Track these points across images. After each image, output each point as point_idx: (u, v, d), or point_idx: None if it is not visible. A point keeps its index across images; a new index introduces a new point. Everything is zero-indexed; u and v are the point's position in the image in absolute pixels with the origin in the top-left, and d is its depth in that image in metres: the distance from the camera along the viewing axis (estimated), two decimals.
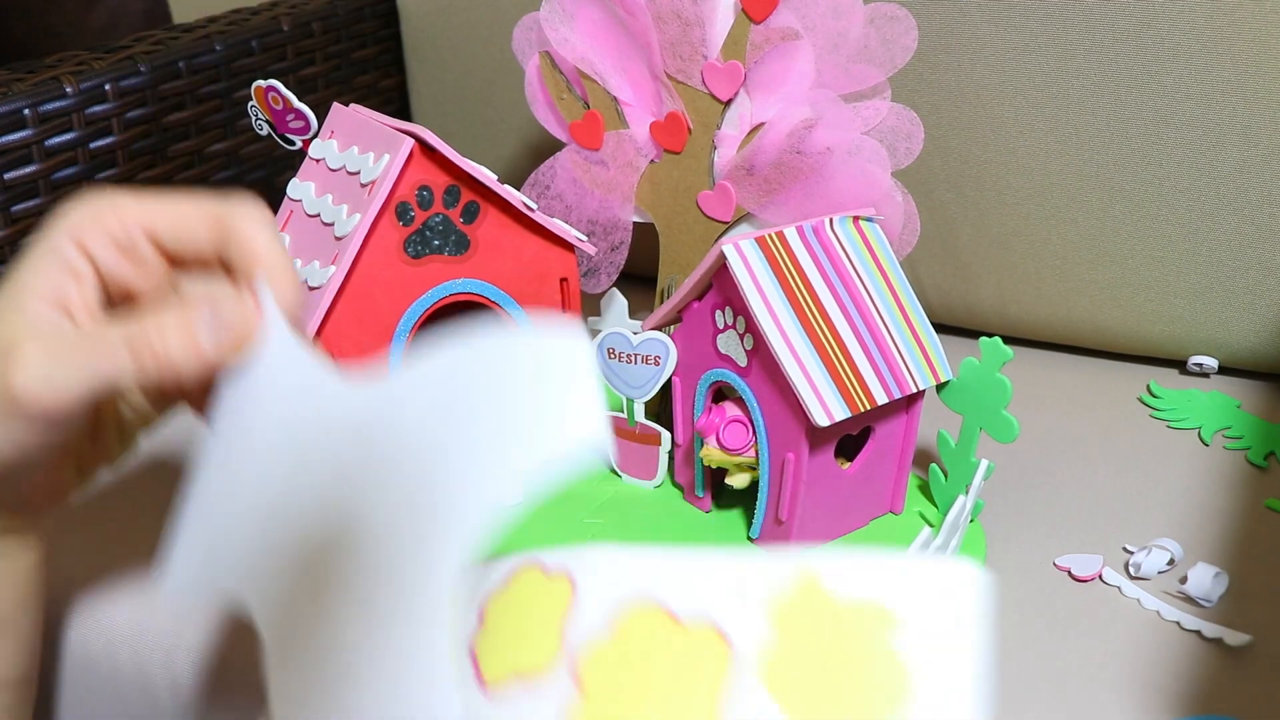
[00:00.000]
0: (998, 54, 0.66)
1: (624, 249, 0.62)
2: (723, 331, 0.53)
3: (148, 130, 0.70)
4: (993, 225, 0.71)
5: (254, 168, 0.79)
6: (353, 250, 0.52)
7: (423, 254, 0.55)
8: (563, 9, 0.59)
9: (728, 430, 0.53)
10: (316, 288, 0.53)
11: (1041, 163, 0.68)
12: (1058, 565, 0.54)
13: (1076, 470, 0.62)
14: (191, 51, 0.73)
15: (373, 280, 0.54)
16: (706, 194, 0.58)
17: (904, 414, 0.55)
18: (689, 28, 0.55)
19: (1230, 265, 0.66)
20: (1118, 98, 0.65)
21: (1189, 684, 0.47)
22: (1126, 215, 0.67)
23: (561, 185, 0.62)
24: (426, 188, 0.54)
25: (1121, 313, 0.70)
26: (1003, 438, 0.53)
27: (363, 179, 0.54)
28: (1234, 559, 0.54)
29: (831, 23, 0.53)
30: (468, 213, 0.55)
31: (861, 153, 0.54)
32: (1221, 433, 0.65)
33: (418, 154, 0.53)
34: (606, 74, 0.59)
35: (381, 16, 0.87)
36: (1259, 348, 0.69)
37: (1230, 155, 0.64)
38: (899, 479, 0.57)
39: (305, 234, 0.57)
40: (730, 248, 0.50)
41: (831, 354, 0.50)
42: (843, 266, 0.52)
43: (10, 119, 0.63)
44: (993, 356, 0.52)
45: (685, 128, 0.58)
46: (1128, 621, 0.51)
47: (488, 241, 0.56)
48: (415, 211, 0.54)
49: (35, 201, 0.65)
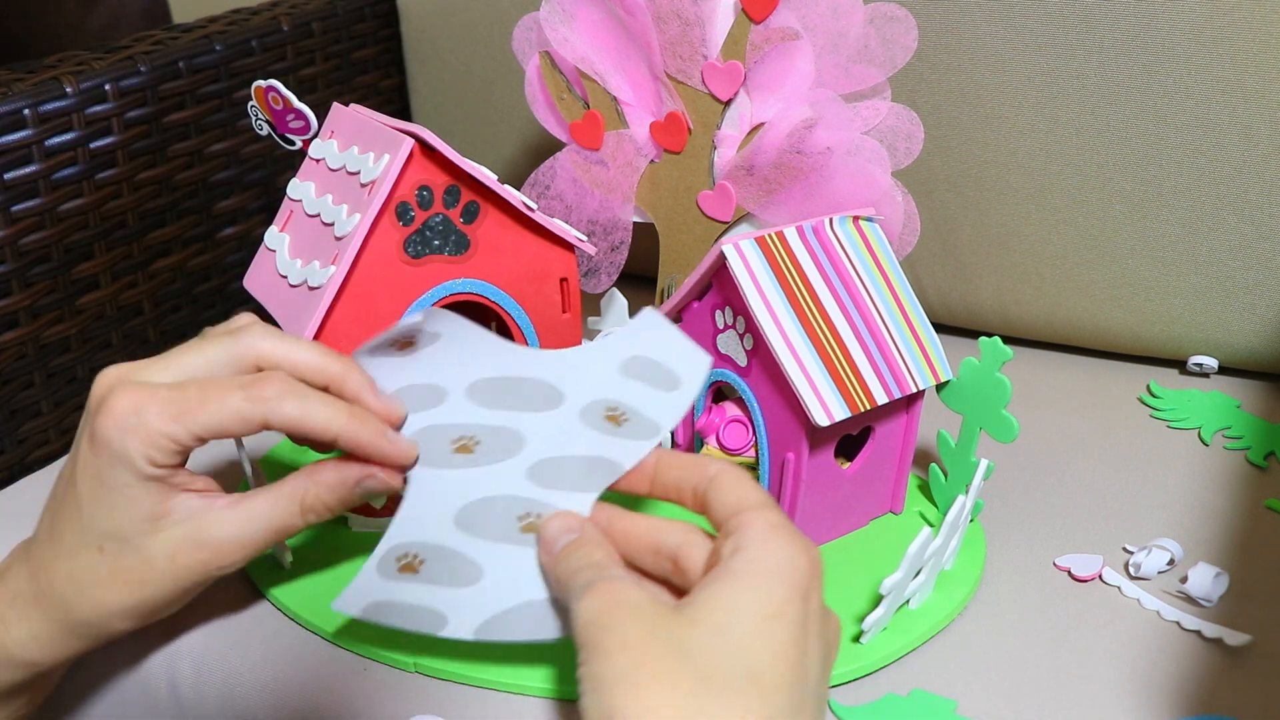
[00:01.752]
0: (998, 54, 0.66)
1: (624, 249, 0.62)
2: (723, 331, 0.53)
3: (148, 130, 0.70)
4: (993, 225, 0.71)
5: (254, 168, 0.79)
6: (353, 250, 0.52)
7: (423, 254, 0.55)
8: (562, 9, 0.59)
9: (728, 430, 0.53)
10: (316, 288, 0.53)
11: (1041, 163, 0.68)
12: (1058, 565, 0.54)
13: (1076, 470, 0.62)
14: (191, 51, 0.73)
15: (373, 280, 0.54)
16: (706, 194, 0.58)
17: (904, 414, 0.55)
18: (689, 28, 0.55)
19: (1230, 265, 0.66)
20: (1118, 98, 0.65)
21: (1189, 684, 0.47)
22: (1126, 215, 0.67)
23: (561, 185, 0.62)
24: (426, 188, 0.54)
25: (1121, 313, 0.70)
26: (1002, 438, 0.53)
27: (363, 179, 0.54)
28: (1234, 559, 0.54)
29: (831, 23, 0.53)
30: (468, 213, 0.55)
31: (861, 153, 0.54)
32: (1221, 433, 0.65)
33: (418, 154, 0.53)
34: (606, 74, 0.59)
35: (381, 16, 0.87)
36: (1259, 348, 0.69)
37: (1230, 155, 0.64)
38: (899, 479, 0.57)
39: (305, 234, 0.57)
40: (730, 248, 0.50)
41: (831, 354, 0.50)
42: (843, 266, 0.52)
43: (10, 119, 0.63)
44: (992, 356, 0.52)
45: (685, 128, 0.58)
46: (1128, 621, 0.51)
47: (488, 241, 0.56)
48: (415, 211, 0.54)
49: (35, 201, 0.65)
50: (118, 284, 0.71)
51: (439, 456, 0.44)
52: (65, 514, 0.42)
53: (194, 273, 0.76)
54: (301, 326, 0.53)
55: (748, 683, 0.33)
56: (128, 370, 0.43)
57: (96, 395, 0.42)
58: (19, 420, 0.67)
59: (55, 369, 0.68)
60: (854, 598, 0.51)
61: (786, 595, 0.35)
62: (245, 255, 0.79)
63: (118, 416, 0.40)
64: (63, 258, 0.67)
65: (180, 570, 0.42)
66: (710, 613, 0.34)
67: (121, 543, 0.41)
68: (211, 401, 0.41)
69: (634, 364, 0.45)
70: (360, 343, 0.54)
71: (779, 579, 0.35)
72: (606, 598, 0.36)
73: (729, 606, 0.34)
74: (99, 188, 0.68)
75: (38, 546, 0.43)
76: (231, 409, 0.41)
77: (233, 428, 0.41)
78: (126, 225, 0.71)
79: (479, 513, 0.43)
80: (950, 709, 0.46)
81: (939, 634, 0.50)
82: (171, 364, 0.43)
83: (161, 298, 0.74)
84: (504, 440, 0.44)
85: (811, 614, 0.36)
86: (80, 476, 0.41)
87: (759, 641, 0.34)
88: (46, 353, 0.68)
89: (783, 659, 0.34)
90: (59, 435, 0.70)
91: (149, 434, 0.40)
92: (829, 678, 0.37)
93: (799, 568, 0.36)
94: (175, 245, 0.74)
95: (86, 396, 0.70)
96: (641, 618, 0.34)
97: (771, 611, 0.34)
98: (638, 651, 0.33)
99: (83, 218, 0.68)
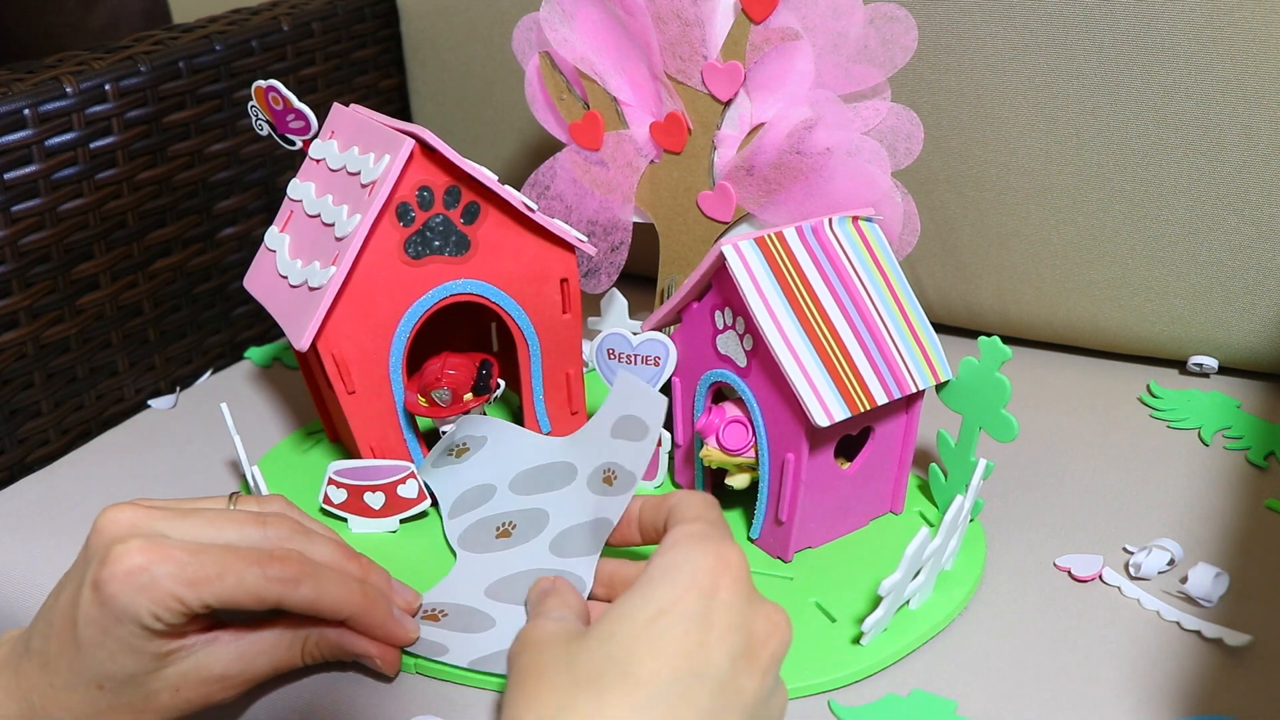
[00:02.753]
0: (998, 54, 0.66)
1: (624, 249, 0.62)
2: (722, 332, 0.53)
3: (148, 130, 0.70)
4: (993, 225, 0.71)
5: (254, 168, 0.79)
6: (353, 251, 0.52)
7: (423, 254, 0.55)
8: (562, 9, 0.58)
9: (727, 431, 0.53)
10: (317, 288, 0.53)
11: (1041, 163, 0.68)
12: (1058, 565, 0.54)
13: (1076, 470, 0.62)
14: (191, 51, 0.73)
15: (373, 281, 0.54)
16: (706, 194, 0.58)
17: (904, 414, 0.55)
18: (689, 28, 0.55)
19: (1230, 265, 0.66)
20: (1118, 98, 0.65)
21: (1189, 684, 0.47)
22: (1126, 215, 0.67)
23: (561, 185, 0.62)
24: (427, 188, 0.53)
25: (1121, 313, 0.70)
26: (1002, 437, 0.53)
27: (363, 179, 0.54)
28: (1234, 559, 0.54)
29: (831, 23, 0.53)
30: (468, 213, 0.55)
31: (861, 153, 0.54)
32: (1221, 433, 0.65)
33: (418, 154, 0.53)
34: (606, 74, 0.59)
35: (381, 16, 0.87)
36: (1259, 348, 0.69)
37: (1230, 155, 0.64)
38: (899, 479, 0.57)
39: (305, 234, 0.57)
40: (730, 248, 0.50)
41: (831, 354, 0.50)
42: (842, 267, 0.52)
43: (10, 119, 0.63)
44: (992, 356, 0.52)
45: (685, 128, 0.58)
46: (1128, 621, 0.51)
47: (488, 242, 0.56)
48: (416, 212, 0.54)
49: (35, 201, 0.65)
50: (118, 284, 0.71)
51: (484, 543, 0.53)
52: (61, 649, 0.40)
53: (194, 273, 0.76)
54: (302, 327, 0.53)
55: (618, 679, 0.35)
56: (140, 518, 0.41)
57: (104, 539, 0.40)
58: (19, 420, 0.67)
59: (55, 369, 0.68)
60: (854, 598, 0.51)
61: (678, 593, 0.37)
62: (245, 255, 0.79)
63: (128, 573, 0.39)
64: (63, 258, 0.67)
65: (183, 703, 0.42)
66: (600, 623, 0.38)
67: (123, 683, 0.41)
68: (229, 576, 0.40)
69: (619, 424, 0.50)
70: (360, 342, 0.54)
71: (671, 579, 0.37)
72: (525, 634, 0.40)
73: (619, 614, 0.37)
74: (99, 188, 0.68)
75: (29, 671, 0.41)
76: (248, 587, 0.40)
77: (245, 604, 0.41)
78: (126, 225, 0.71)
79: (507, 584, 0.50)
80: (950, 709, 0.46)
81: (939, 634, 0.50)
82: (188, 525, 0.42)
83: (161, 298, 0.74)
84: (534, 520, 0.52)
85: (718, 607, 0.37)
86: (82, 621, 0.40)
87: (640, 640, 0.36)
88: (46, 353, 0.68)
89: (665, 652, 0.36)
90: (59, 435, 0.70)
91: (159, 595, 0.39)
92: (759, 669, 0.37)
93: (699, 567, 0.38)
94: (175, 245, 0.74)
95: (86, 396, 0.71)
96: (547, 643, 0.39)
97: (658, 610, 0.37)
98: (532, 669, 0.38)
99: (83, 218, 0.68)
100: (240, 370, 0.76)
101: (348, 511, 0.57)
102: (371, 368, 0.55)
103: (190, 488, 0.62)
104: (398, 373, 0.56)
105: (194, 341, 0.77)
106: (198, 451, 0.66)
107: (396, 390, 0.56)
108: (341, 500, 0.57)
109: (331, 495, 0.57)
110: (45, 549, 0.58)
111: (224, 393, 0.72)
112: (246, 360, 0.78)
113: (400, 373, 0.56)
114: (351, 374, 0.55)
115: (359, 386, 0.55)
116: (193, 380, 0.76)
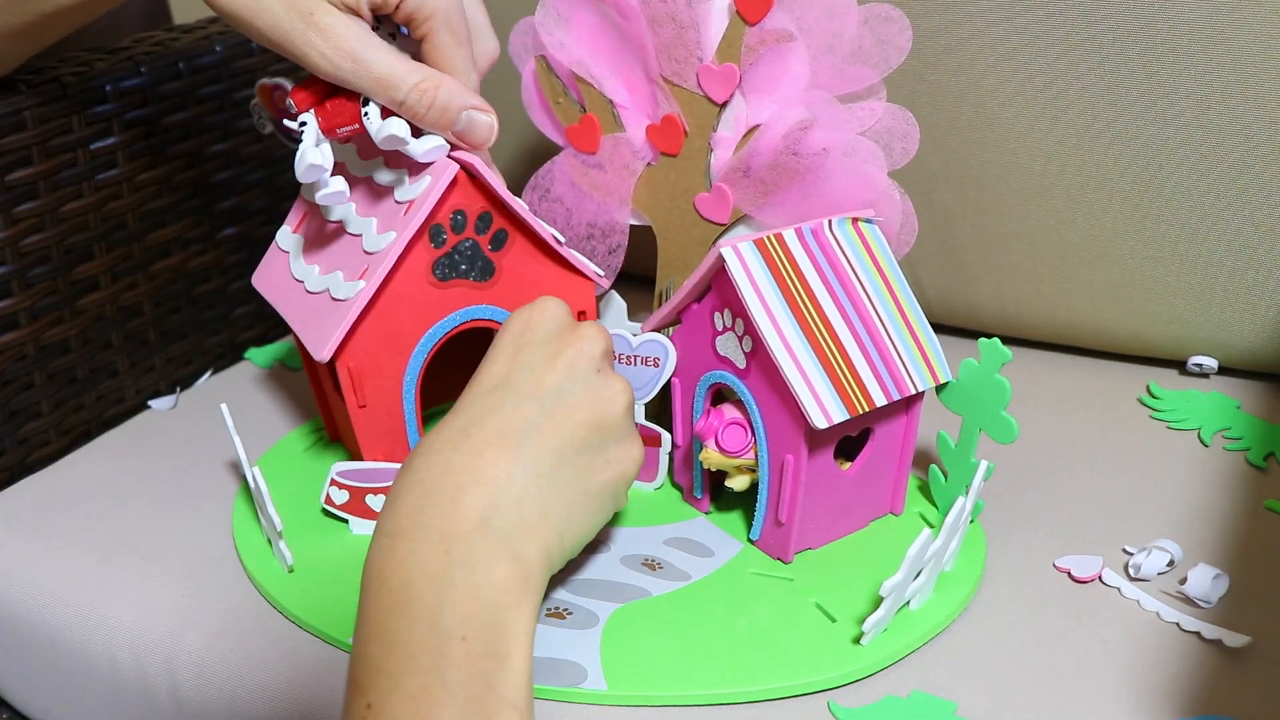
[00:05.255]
0: (996, 54, 0.66)
1: (621, 251, 0.62)
2: (721, 334, 0.53)
3: (148, 130, 0.70)
4: (992, 225, 0.71)
5: (254, 168, 0.79)
6: (385, 268, 0.52)
7: (449, 277, 0.55)
8: (557, 13, 0.58)
9: (727, 432, 0.53)
10: (340, 299, 0.53)
11: (1041, 163, 0.68)
12: (1058, 566, 0.54)
13: (1076, 471, 0.62)
14: (191, 52, 0.73)
15: (399, 300, 0.54)
16: (703, 196, 0.58)
17: (903, 415, 0.55)
18: (684, 30, 0.55)
19: (1230, 265, 0.66)
20: (1117, 98, 0.64)
21: (1189, 684, 0.47)
22: (1126, 215, 0.67)
23: (561, 189, 0.63)
24: (461, 212, 0.54)
25: (1121, 313, 0.70)
26: (1002, 439, 0.53)
27: (398, 196, 0.54)
28: (1234, 560, 0.54)
29: (826, 24, 0.53)
30: (496, 240, 0.55)
31: (858, 153, 0.54)
32: (1221, 433, 0.65)
33: (462, 179, 0.53)
34: (602, 77, 0.59)
35: None
36: (1259, 348, 0.68)
37: (1230, 155, 0.64)
38: (899, 480, 0.57)
39: (323, 239, 0.57)
40: (729, 250, 0.50)
41: (830, 356, 0.50)
42: (841, 268, 0.52)
43: (10, 119, 0.63)
44: (992, 357, 0.52)
45: (681, 130, 0.58)
46: (1127, 622, 0.51)
47: (512, 270, 0.56)
48: (448, 234, 0.54)
49: (35, 202, 0.65)
50: (118, 285, 0.71)
51: None
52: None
53: (194, 274, 0.76)
54: (324, 337, 0.53)
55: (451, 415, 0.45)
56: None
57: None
58: (19, 421, 0.67)
59: (55, 370, 0.69)
60: (854, 599, 0.51)
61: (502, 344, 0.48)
62: (245, 256, 0.79)
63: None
64: (63, 259, 0.67)
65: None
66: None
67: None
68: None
69: None
70: (382, 358, 0.54)
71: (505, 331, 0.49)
72: None
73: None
74: (99, 189, 0.68)
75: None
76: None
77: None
78: (127, 226, 0.71)
79: None
80: (950, 710, 0.46)
81: (939, 635, 0.50)
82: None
83: (162, 299, 0.74)
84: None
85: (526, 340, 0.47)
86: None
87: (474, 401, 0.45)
88: (46, 354, 0.68)
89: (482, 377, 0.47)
90: (59, 436, 0.70)
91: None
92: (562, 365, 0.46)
93: (516, 318, 0.49)
94: (175, 246, 0.74)
95: (87, 397, 0.71)
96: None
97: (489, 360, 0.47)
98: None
99: (83, 219, 0.68)
100: (240, 371, 0.76)
101: (349, 513, 0.57)
102: (386, 384, 0.56)
103: (190, 488, 0.62)
104: (411, 391, 0.56)
105: (194, 342, 0.77)
106: (198, 452, 0.66)
107: (409, 408, 0.57)
108: (344, 501, 0.57)
109: (334, 496, 0.57)
110: (45, 549, 0.58)
111: (224, 393, 0.73)
112: (247, 361, 0.78)
113: (414, 391, 0.56)
114: (366, 389, 0.55)
115: (371, 401, 0.56)
116: (193, 381, 0.76)
